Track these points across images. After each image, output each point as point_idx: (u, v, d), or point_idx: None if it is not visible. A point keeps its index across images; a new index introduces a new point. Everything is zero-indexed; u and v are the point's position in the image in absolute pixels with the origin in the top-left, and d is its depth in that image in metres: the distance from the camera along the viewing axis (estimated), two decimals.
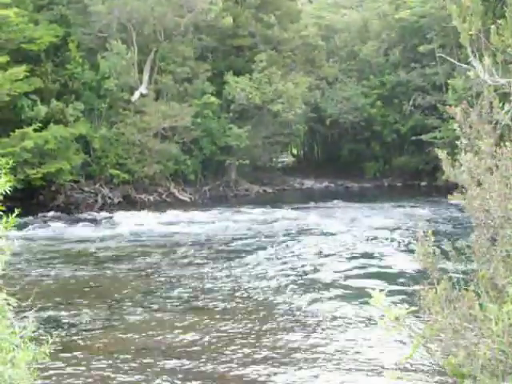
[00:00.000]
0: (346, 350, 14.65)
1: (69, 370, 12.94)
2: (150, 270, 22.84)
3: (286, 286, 20.47)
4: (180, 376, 13.00)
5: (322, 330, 16.13)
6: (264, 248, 26.50)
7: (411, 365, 11.47)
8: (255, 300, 18.89)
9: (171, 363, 13.72)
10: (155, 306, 18.14)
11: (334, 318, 16.97)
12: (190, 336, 15.48)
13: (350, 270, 22.49)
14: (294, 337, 15.64)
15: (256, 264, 23.60)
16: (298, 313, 17.55)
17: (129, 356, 14.15)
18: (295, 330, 16.16)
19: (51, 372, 11.97)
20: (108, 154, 40.06)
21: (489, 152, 5.30)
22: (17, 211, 9.65)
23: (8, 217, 9.62)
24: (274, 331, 16.05)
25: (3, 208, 9.48)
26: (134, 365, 13.68)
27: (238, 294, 19.59)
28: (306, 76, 47.62)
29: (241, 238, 28.68)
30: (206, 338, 15.34)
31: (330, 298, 18.82)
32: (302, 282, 20.99)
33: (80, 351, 14.25)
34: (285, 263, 23.80)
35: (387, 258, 23.98)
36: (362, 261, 23.91)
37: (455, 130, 5.52)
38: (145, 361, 13.90)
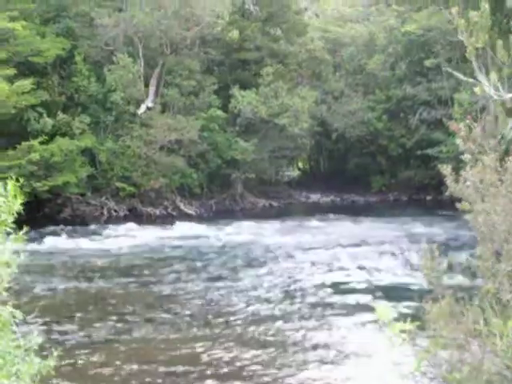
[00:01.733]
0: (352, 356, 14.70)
1: (71, 382, 12.96)
2: (154, 284, 22.84)
3: (292, 297, 20.55)
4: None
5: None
6: (266, 263, 26.54)
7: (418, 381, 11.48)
8: (260, 310, 18.93)
9: (173, 376, 13.76)
10: (159, 320, 18.16)
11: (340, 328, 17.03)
12: (192, 349, 15.51)
13: (356, 283, 22.56)
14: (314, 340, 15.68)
15: (260, 277, 23.65)
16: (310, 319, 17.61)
17: (132, 368, 14.17)
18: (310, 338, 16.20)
19: None
20: (114, 166, 40.07)
21: (493, 167, 5.33)
22: (25, 228, 9.72)
23: (16, 232, 9.69)
24: (283, 344, 16.08)
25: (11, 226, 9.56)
26: (137, 377, 13.71)
27: (240, 305, 19.62)
28: (313, 90, 47.58)
29: (251, 246, 28.80)
30: (209, 351, 15.36)
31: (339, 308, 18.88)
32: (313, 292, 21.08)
33: (84, 364, 14.27)
34: (291, 277, 23.80)
35: (393, 273, 24.01)
36: (360, 273, 24.02)
37: (458, 145, 5.56)
38: (147, 373, 13.92)
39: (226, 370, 14.26)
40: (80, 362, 14.34)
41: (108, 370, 14.11)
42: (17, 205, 9.69)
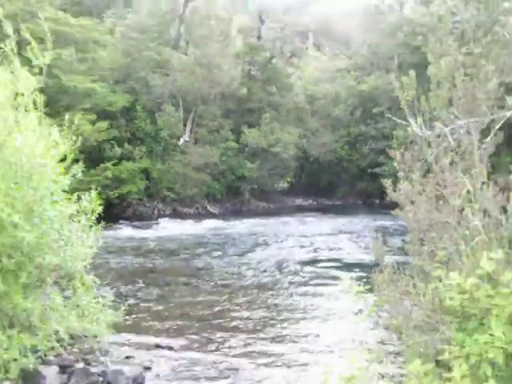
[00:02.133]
0: (325, 310, 14.70)
1: (134, 329, 12.98)
2: (189, 260, 22.87)
3: (285, 269, 20.57)
4: (208, 331, 13.06)
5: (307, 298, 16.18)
6: (267, 246, 26.62)
7: (368, 326, 11.45)
8: (262, 278, 18.95)
9: (201, 324, 13.77)
10: (195, 286, 18.17)
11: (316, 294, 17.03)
12: (218, 308, 15.52)
13: (327, 260, 22.61)
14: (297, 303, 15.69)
15: (263, 255, 23.70)
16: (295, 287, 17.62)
17: (175, 319, 14.18)
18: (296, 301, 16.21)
19: (123, 330, 11.99)
20: (162, 181, 40.23)
21: (418, 181, 5.35)
22: (102, 223, 9.76)
23: (96, 225, 9.70)
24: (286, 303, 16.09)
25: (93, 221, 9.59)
26: (177, 323, 13.72)
27: (256, 275, 19.64)
28: (297, 128, 47.77)
29: (256, 234, 28.89)
30: (228, 309, 15.37)
31: (312, 278, 18.88)
32: (297, 264, 21.11)
33: (142, 316, 14.28)
34: (284, 255, 23.84)
35: (352, 252, 24.05)
36: (330, 253, 24.05)
37: (395, 166, 5.61)
38: (183, 321, 13.93)
39: (238, 321, 14.27)
40: (139, 314, 14.36)
41: (156, 319, 14.14)
42: (98, 206, 9.70)
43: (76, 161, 9.45)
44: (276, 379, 10.28)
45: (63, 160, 9.27)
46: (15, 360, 8.30)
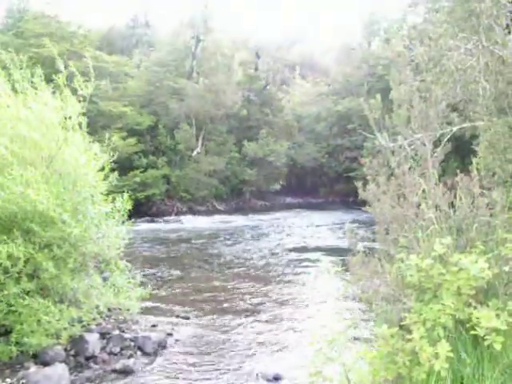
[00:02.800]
0: (312, 287, 14.68)
1: (159, 303, 12.96)
2: (203, 247, 22.83)
3: (278, 253, 20.55)
4: (218, 303, 13.05)
5: (292, 278, 16.15)
6: (265, 234, 26.57)
7: (345, 299, 11.46)
8: (259, 260, 18.93)
9: (213, 298, 13.76)
10: (207, 268, 18.14)
11: (299, 272, 17.01)
12: (226, 285, 15.50)
13: (309, 246, 22.60)
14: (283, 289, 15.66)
15: (262, 242, 23.68)
16: (280, 268, 17.61)
17: (191, 295, 14.17)
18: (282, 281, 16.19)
19: (149, 304, 11.99)
20: (179, 184, 40.08)
21: (383, 183, 5.35)
22: (132, 219, 9.76)
23: (127, 220, 9.68)
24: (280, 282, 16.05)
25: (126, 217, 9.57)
26: (193, 298, 13.71)
27: (255, 257, 19.62)
28: (286, 142, 47.74)
29: (256, 226, 28.87)
30: (235, 285, 15.35)
31: (298, 261, 18.86)
32: (286, 249, 21.08)
33: (165, 292, 14.27)
34: (278, 242, 23.81)
35: (331, 239, 24.03)
36: (314, 240, 24.01)
37: (365, 171, 5.60)
38: (198, 296, 13.92)
39: (242, 295, 14.26)
40: (162, 291, 14.34)
41: (176, 295, 14.12)
42: (128, 206, 9.67)
43: (113, 170, 9.51)
44: (271, 338, 10.29)
45: (102, 169, 9.32)
46: (65, 329, 8.32)
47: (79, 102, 8.87)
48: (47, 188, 7.82)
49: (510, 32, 6.15)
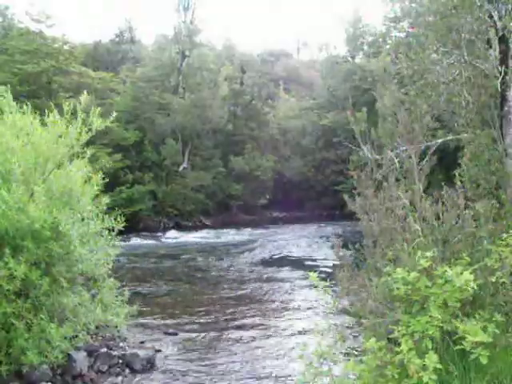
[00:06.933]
0: (299, 301, 14.68)
1: (147, 319, 12.88)
2: (190, 262, 22.74)
3: (268, 263, 20.54)
4: (206, 318, 12.99)
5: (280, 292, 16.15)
6: (252, 247, 26.53)
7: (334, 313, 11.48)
8: (245, 273, 18.90)
9: (201, 313, 13.70)
10: (195, 283, 18.06)
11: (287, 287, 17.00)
12: (214, 300, 15.45)
13: (296, 259, 22.58)
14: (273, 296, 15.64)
15: (249, 254, 23.64)
16: (269, 280, 17.59)
17: (179, 310, 14.10)
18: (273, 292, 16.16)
19: (137, 320, 11.92)
20: (166, 200, 39.94)
21: (371, 196, 5.38)
22: (120, 236, 9.74)
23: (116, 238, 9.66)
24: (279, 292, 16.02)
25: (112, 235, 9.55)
26: (181, 313, 13.65)
27: (241, 270, 19.56)
28: (272, 155, 47.86)
29: (242, 240, 28.83)
30: (222, 300, 15.30)
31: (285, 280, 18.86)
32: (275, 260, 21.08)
33: (152, 308, 14.18)
34: (266, 254, 23.79)
35: (318, 252, 24.05)
36: (301, 254, 24.02)
37: (353, 183, 5.64)
38: (186, 312, 13.85)
39: (230, 309, 14.22)
40: (151, 306, 14.25)
41: (164, 310, 14.04)
42: (120, 225, 9.59)
43: (100, 190, 9.58)
44: (260, 354, 10.26)
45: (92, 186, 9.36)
46: (57, 346, 8.22)
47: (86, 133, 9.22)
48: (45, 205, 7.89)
49: (490, 46, 6.27)
